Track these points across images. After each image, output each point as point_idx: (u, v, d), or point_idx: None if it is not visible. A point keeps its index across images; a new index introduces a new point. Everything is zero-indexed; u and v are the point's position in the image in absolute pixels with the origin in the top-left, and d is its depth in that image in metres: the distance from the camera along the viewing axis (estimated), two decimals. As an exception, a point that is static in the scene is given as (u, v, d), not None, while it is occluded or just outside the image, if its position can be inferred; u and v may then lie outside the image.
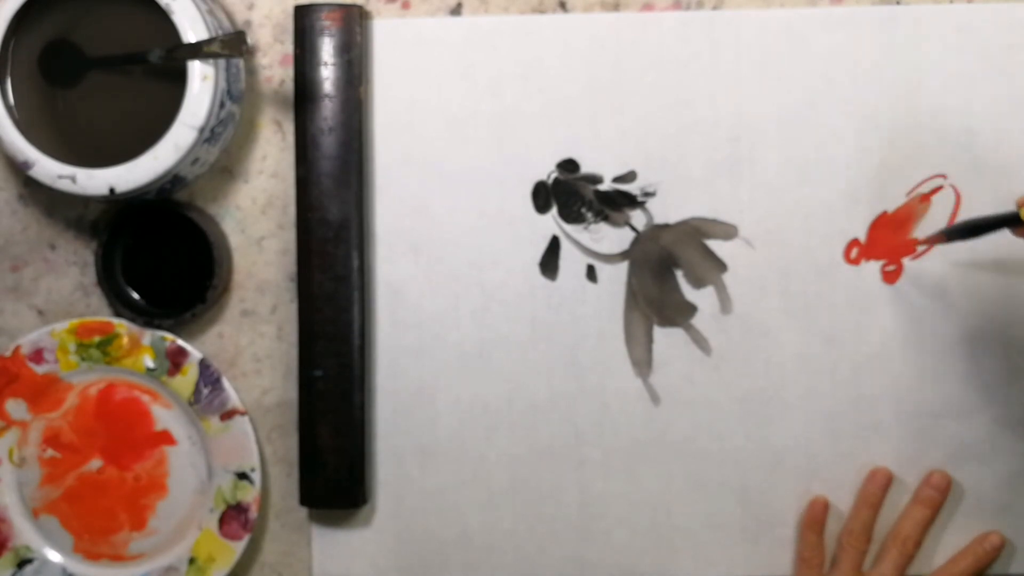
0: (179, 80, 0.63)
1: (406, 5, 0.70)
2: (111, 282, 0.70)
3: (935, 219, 0.68)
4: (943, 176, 0.68)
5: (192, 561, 0.70)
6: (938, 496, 0.67)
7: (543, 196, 0.69)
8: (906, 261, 0.68)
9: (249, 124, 0.71)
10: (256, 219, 0.71)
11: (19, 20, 0.65)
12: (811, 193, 0.68)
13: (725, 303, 0.69)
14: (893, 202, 0.68)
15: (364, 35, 0.69)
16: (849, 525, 0.67)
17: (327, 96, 0.68)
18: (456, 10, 0.70)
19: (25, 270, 0.72)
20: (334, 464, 0.69)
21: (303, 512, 0.72)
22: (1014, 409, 0.68)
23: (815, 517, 0.68)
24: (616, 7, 0.69)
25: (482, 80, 0.69)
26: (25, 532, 0.71)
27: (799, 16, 0.68)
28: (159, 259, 0.71)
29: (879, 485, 0.67)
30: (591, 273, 0.69)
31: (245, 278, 0.71)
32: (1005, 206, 0.67)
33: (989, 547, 0.67)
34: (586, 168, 0.69)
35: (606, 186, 0.69)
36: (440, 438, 0.70)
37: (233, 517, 0.70)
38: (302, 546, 0.72)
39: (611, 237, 0.69)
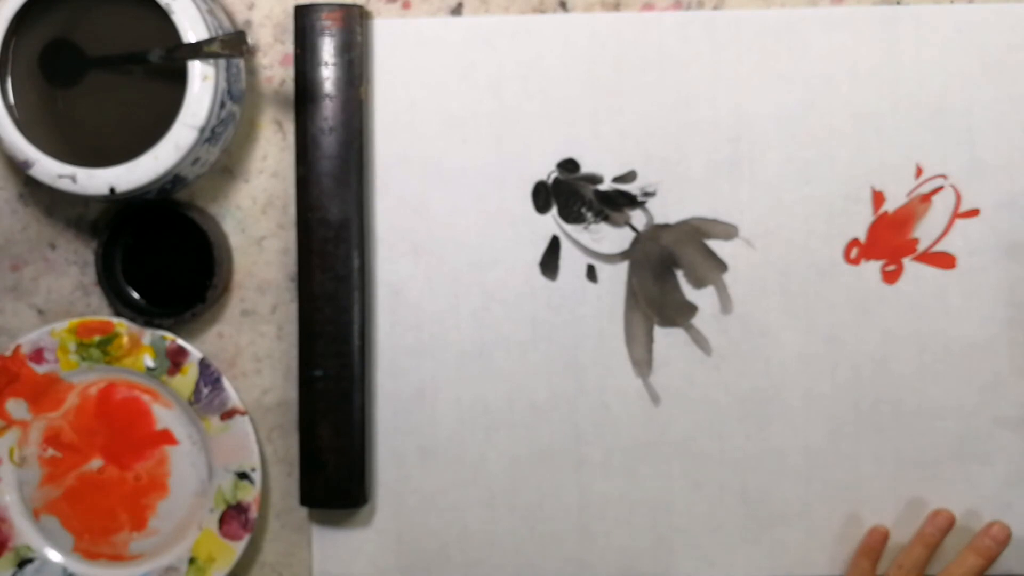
0: (179, 80, 0.63)
1: (406, 5, 0.70)
2: (111, 282, 0.70)
3: (935, 219, 0.68)
4: (943, 176, 0.68)
5: (192, 561, 0.70)
6: (996, 548, 0.66)
7: (543, 196, 0.69)
8: (906, 261, 0.68)
9: (249, 124, 0.71)
10: (256, 219, 0.71)
11: (19, 20, 0.65)
12: (811, 193, 0.68)
13: (725, 303, 0.69)
14: (893, 202, 0.68)
15: (364, 35, 0.69)
16: (900, 560, 0.66)
17: (327, 96, 0.68)
18: (456, 10, 0.70)
19: (25, 269, 0.72)
20: (334, 464, 0.69)
21: (303, 512, 0.72)
22: (1014, 409, 0.68)
23: (872, 546, 0.67)
24: (616, 7, 0.69)
25: (482, 80, 0.69)
26: (25, 532, 0.71)
27: (799, 16, 0.68)
28: (159, 259, 0.71)
29: (939, 527, 0.67)
30: (591, 273, 0.69)
31: (245, 278, 0.71)
32: (1005, 206, 0.67)
33: (996, 534, 0.66)
34: (586, 168, 0.69)
35: (606, 186, 0.69)
36: (440, 438, 0.70)
37: (233, 517, 0.70)
38: (302, 546, 0.72)
39: (611, 237, 0.69)
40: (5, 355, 0.70)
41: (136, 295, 0.71)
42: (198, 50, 0.63)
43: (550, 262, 0.70)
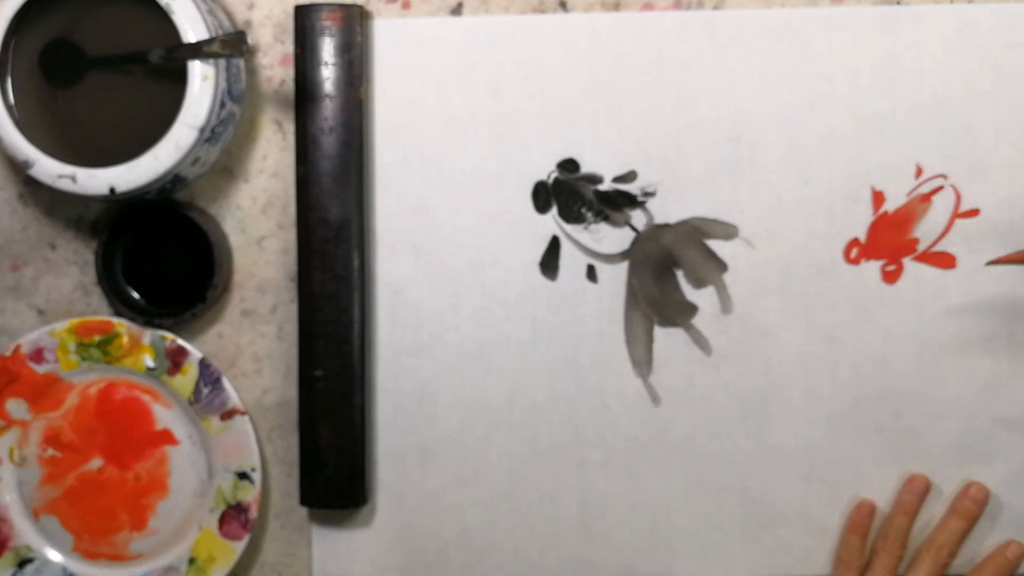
0: (179, 80, 0.63)
1: (406, 5, 0.70)
2: (111, 282, 0.70)
3: (935, 219, 0.68)
4: (943, 176, 0.68)
5: (192, 561, 0.70)
6: (975, 508, 0.67)
7: (543, 196, 0.69)
8: (906, 261, 0.68)
9: (249, 124, 0.71)
10: (256, 219, 0.71)
11: (19, 20, 0.65)
12: (811, 193, 0.68)
13: (725, 303, 0.69)
14: (893, 202, 0.68)
15: (364, 35, 0.69)
16: (884, 531, 0.67)
17: (327, 96, 0.68)
18: (456, 10, 0.70)
19: (25, 269, 0.72)
20: (334, 464, 0.69)
21: (303, 512, 0.72)
22: (1014, 409, 0.68)
23: (860, 520, 0.68)
24: (616, 7, 0.69)
25: (482, 80, 0.69)
26: (25, 532, 0.71)
27: (799, 16, 0.68)
28: (159, 259, 0.71)
29: (916, 493, 0.67)
30: (591, 273, 0.69)
31: (245, 278, 0.71)
32: (1005, 206, 0.67)
33: (1012, 556, 0.67)
34: (586, 168, 0.69)
35: (606, 186, 0.69)
36: (440, 438, 0.70)
37: (233, 517, 0.70)
38: (302, 546, 0.72)
39: (611, 237, 0.69)
40: (5, 355, 0.70)
41: (136, 295, 0.71)
42: (198, 50, 0.63)
43: (550, 262, 0.70)
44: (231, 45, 0.62)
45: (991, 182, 0.67)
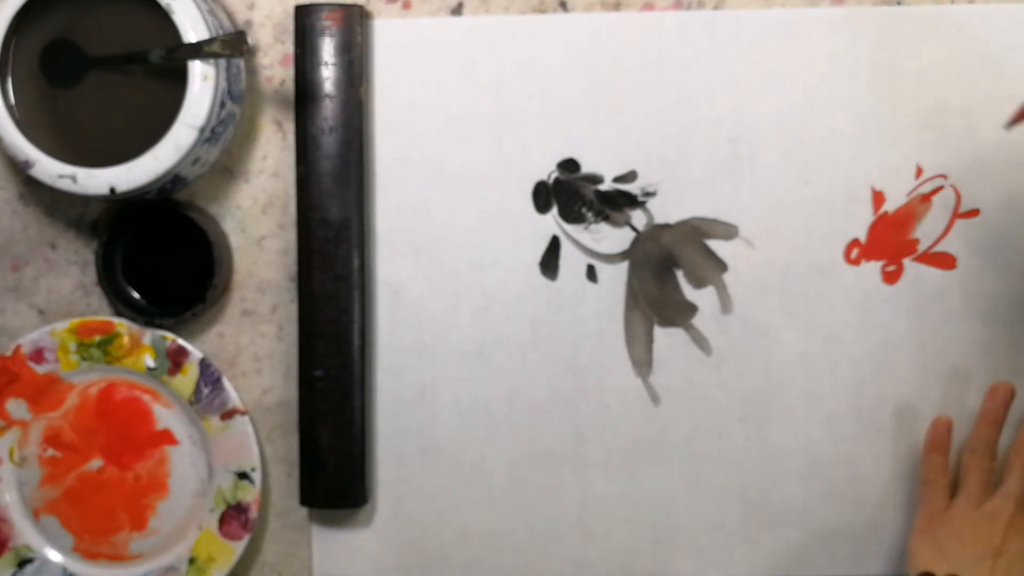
0: (180, 80, 0.63)
1: (407, 5, 0.70)
2: (111, 281, 0.70)
3: (935, 219, 0.68)
4: (943, 176, 0.68)
5: (192, 561, 0.70)
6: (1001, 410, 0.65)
7: (544, 196, 0.69)
8: (906, 261, 0.68)
9: (250, 124, 0.71)
10: (256, 219, 0.71)
11: (20, 20, 0.65)
12: (811, 193, 0.68)
13: (725, 303, 0.69)
14: (893, 202, 0.68)
15: (364, 35, 0.69)
16: (971, 444, 0.65)
17: (327, 96, 0.68)
18: (457, 10, 0.70)
19: (26, 269, 0.72)
20: (334, 464, 0.69)
21: (303, 512, 0.72)
22: (1014, 409, 0.68)
23: (939, 438, 0.66)
24: (616, 7, 0.69)
25: (482, 80, 0.69)
26: (25, 532, 0.71)
27: (799, 16, 0.68)
28: (159, 259, 0.71)
29: (1000, 401, 0.65)
30: (591, 273, 0.69)
31: (245, 278, 0.71)
32: (1005, 206, 0.67)
33: None
34: (587, 168, 0.69)
35: (606, 186, 0.69)
36: (440, 438, 0.70)
37: (233, 517, 0.70)
38: (302, 546, 0.72)
39: (611, 237, 0.69)
40: (5, 355, 0.70)
41: (136, 295, 0.71)
42: (198, 50, 0.63)
43: (550, 262, 0.70)
44: (231, 45, 0.62)
45: (991, 182, 0.67)
